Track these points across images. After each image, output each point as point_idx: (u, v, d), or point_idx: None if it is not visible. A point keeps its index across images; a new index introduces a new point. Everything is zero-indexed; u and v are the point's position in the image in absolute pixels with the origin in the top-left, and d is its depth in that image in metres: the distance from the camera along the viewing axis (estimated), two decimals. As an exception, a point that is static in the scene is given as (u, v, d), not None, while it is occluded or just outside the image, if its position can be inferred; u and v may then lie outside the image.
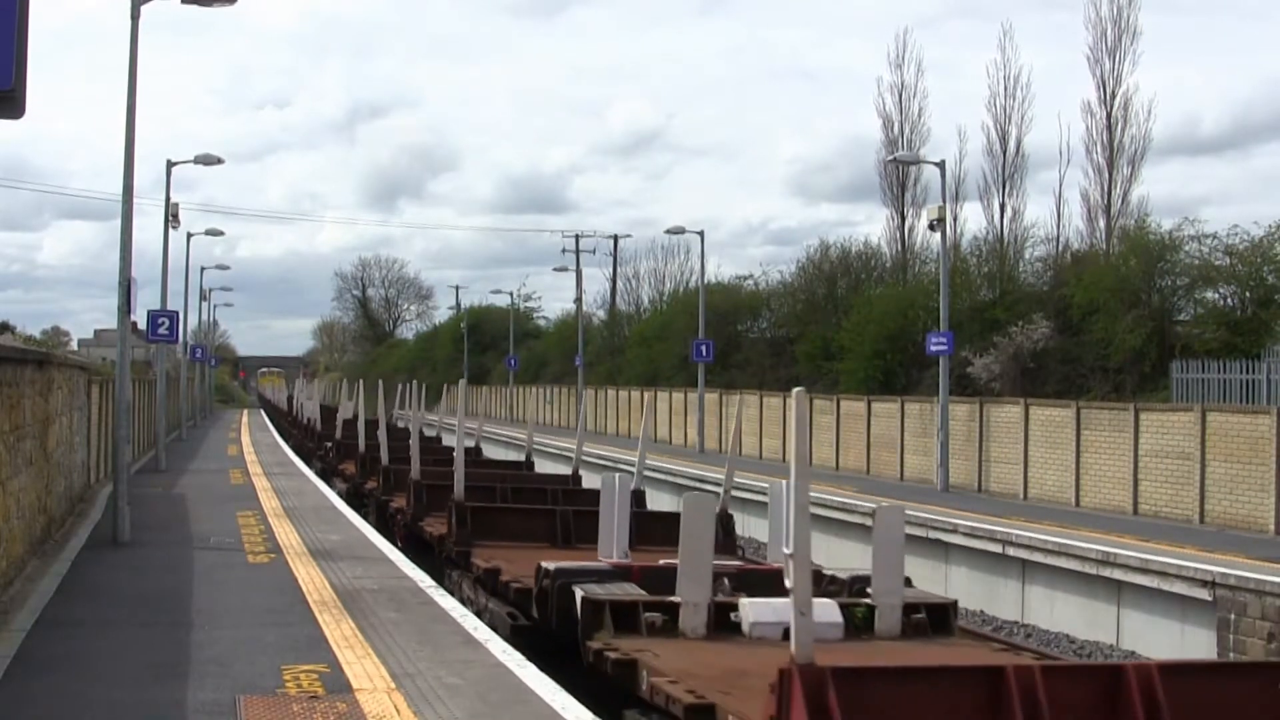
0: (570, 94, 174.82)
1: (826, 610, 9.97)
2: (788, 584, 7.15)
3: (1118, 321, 32.31)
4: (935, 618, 10.70)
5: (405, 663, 9.73)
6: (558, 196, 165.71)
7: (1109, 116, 39.79)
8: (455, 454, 16.88)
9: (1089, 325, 33.85)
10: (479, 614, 12.72)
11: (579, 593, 10.73)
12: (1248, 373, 27.65)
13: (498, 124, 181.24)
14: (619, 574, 11.62)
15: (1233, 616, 16.79)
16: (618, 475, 14.03)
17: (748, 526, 30.39)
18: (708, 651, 9.57)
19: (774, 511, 13.12)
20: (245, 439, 46.44)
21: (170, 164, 34.05)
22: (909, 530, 24.31)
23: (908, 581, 11.13)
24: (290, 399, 63.24)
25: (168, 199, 35.21)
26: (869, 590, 10.81)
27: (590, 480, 23.41)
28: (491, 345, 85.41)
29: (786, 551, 7.04)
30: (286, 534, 17.92)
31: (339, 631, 10.90)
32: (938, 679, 7.82)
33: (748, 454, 41.19)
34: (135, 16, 18.31)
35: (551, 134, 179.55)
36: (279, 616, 11.61)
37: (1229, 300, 31.79)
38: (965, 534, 22.80)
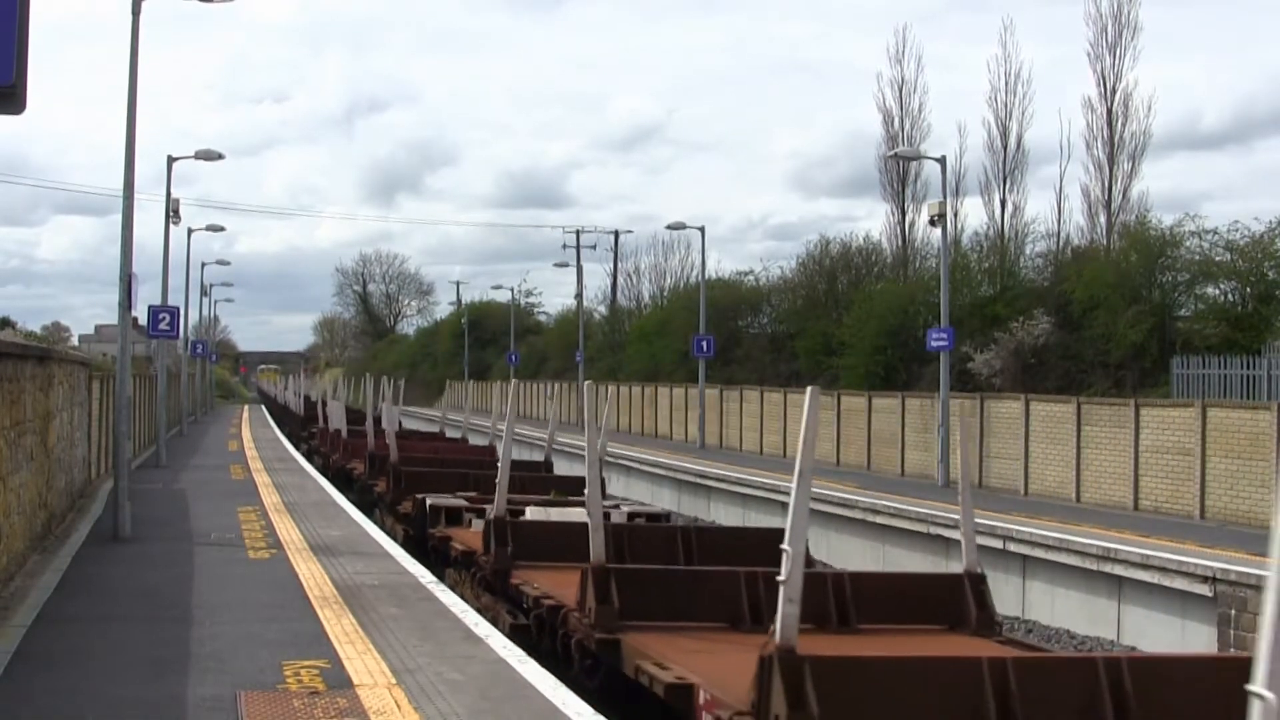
0: (569, 88, 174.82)
1: None
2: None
3: (1118, 317, 32.32)
4: None
5: (406, 658, 9.72)
6: (557, 191, 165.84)
7: (1109, 112, 39.83)
8: (589, 501, 11.02)
9: (1090, 321, 33.85)
10: None
11: None
12: (1248, 368, 27.67)
13: (497, 119, 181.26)
14: None
15: (1233, 612, 16.79)
16: None
17: (749, 521, 30.40)
18: None
19: None
20: (246, 434, 46.44)
21: (171, 159, 34.08)
22: (909, 526, 24.52)
23: None
24: (321, 405, 41.87)
25: (169, 194, 35.23)
26: None
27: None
28: (492, 341, 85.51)
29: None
30: (287, 529, 17.92)
31: (339, 627, 10.90)
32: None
33: (748, 449, 41.22)
34: (136, 12, 18.30)
35: (551, 129, 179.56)
36: (279, 612, 11.61)
37: (1230, 296, 31.81)
38: (966, 529, 22.76)
